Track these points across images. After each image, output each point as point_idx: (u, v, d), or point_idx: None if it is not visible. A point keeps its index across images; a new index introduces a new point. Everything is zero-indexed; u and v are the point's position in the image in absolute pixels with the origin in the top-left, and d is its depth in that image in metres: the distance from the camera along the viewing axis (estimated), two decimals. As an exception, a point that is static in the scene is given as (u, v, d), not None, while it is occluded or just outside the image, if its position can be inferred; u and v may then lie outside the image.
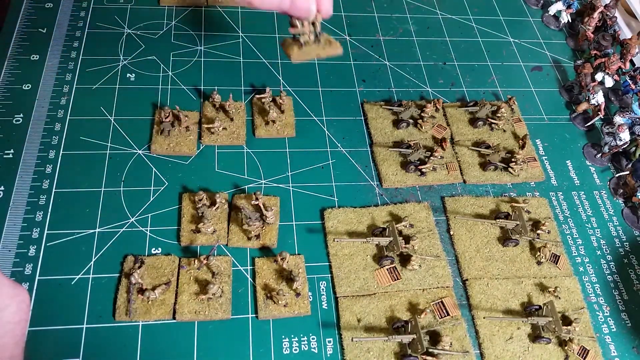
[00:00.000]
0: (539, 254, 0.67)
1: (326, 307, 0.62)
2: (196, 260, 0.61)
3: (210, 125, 0.71)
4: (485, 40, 0.93)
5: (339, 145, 0.75)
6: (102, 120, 0.72)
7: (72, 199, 0.65)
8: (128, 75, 0.77)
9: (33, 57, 0.77)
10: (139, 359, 0.56)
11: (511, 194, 0.74)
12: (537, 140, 0.81)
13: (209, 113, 0.74)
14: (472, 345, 0.61)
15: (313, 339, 0.59)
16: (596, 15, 0.91)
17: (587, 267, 0.70)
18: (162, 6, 0.86)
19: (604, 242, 0.73)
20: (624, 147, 0.78)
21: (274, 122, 0.73)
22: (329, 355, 0.59)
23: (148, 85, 0.77)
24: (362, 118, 0.79)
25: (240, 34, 0.86)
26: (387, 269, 0.64)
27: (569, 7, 0.95)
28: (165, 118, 0.70)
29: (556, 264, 0.67)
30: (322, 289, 0.63)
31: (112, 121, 0.72)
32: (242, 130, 0.73)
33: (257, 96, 0.76)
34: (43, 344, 0.55)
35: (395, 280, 0.63)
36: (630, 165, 0.78)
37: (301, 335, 0.59)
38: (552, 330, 0.61)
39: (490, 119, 0.79)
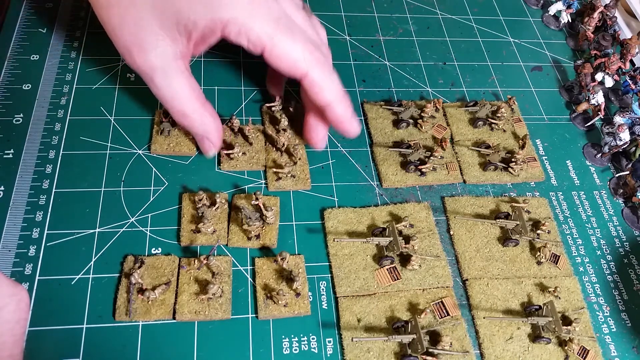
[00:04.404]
0: (539, 254, 0.67)
1: (326, 307, 0.62)
2: (196, 260, 0.61)
3: (230, 151, 0.69)
4: (485, 40, 0.93)
5: (339, 145, 0.75)
6: (102, 120, 0.72)
7: (72, 199, 0.65)
8: (128, 75, 0.77)
9: (33, 57, 0.77)
10: (139, 359, 0.55)
11: (511, 194, 0.74)
12: (537, 140, 0.81)
13: (227, 138, 0.71)
14: (472, 345, 0.61)
15: (313, 339, 0.59)
16: (596, 15, 0.91)
17: (587, 267, 0.70)
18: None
19: (604, 242, 0.73)
20: (624, 147, 0.78)
21: (284, 130, 0.72)
22: (329, 355, 0.59)
23: (148, 85, 0.77)
24: (362, 118, 0.79)
25: (240, 34, 0.85)
26: (387, 269, 0.64)
27: (569, 7, 0.95)
28: (165, 118, 0.70)
29: (556, 264, 0.67)
30: (322, 289, 0.63)
31: (112, 121, 0.72)
32: (261, 155, 0.71)
33: (267, 105, 0.76)
34: (43, 344, 0.55)
35: (395, 280, 0.63)
36: (630, 165, 0.78)
37: (301, 335, 0.59)
38: (552, 330, 0.61)
39: (490, 119, 0.79)
